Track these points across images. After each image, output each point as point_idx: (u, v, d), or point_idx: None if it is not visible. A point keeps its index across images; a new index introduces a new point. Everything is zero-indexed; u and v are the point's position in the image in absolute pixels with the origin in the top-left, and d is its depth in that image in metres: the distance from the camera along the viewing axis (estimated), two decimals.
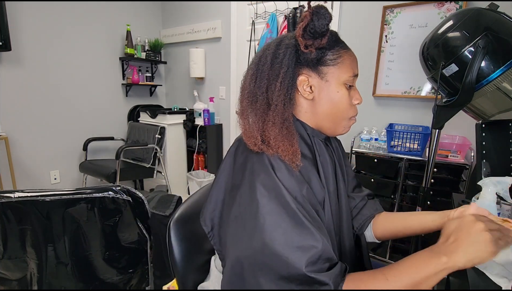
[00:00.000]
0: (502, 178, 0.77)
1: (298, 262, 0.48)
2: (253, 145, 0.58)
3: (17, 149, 2.35)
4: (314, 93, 0.62)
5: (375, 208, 0.81)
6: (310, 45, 0.59)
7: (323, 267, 0.50)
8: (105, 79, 2.88)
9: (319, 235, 0.51)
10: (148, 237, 1.00)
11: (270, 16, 2.35)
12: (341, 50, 0.62)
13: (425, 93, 1.85)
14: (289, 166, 0.56)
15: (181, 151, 2.95)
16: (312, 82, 0.62)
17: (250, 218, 0.53)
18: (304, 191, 0.56)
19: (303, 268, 0.47)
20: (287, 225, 0.50)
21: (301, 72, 0.61)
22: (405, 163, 1.73)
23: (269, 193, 0.53)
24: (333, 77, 0.62)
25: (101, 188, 0.88)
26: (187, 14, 3.04)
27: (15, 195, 0.80)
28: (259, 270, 0.50)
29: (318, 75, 0.61)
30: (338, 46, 0.62)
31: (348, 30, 2.12)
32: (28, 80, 2.36)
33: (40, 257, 0.89)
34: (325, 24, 0.57)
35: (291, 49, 0.60)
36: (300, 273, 0.48)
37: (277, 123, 0.58)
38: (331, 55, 0.61)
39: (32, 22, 2.32)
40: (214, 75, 2.97)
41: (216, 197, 0.63)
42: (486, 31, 0.87)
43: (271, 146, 0.56)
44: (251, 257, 0.51)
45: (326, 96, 0.62)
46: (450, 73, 0.95)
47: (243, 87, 0.65)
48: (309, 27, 0.57)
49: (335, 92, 0.62)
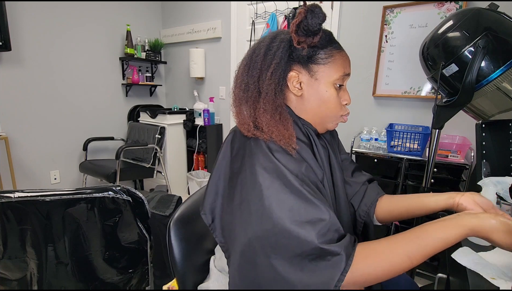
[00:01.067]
0: (502, 178, 0.77)
1: (309, 236, 0.49)
2: (247, 131, 0.59)
3: (17, 149, 2.35)
4: (303, 90, 0.64)
5: (377, 192, 0.81)
6: (303, 42, 0.60)
7: (333, 238, 0.51)
8: (105, 79, 2.88)
9: (324, 208, 0.52)
10: (148, 237, 1.00)
11: (270, 16, 2.35)
12: (334, 50, 0.63)
13: (425, 93, 1.85)
14: (285, 148, 0.57)
15: (181, 151, 2.95)
16: (301, 79, 0.63)
17: (255, 201, 0.53)
18: (303, 168, 0.57)
19: (315, 240, 0.48)
20: (292, 203, 0.51)
21: (292, 68, 0.62)
22: (405, 163, 1.73)
23: (270, 174, 0.53)
24: (323, 76, 0.63)
25: (101, 188, 0.88)
26: (187, 14, 3.04)
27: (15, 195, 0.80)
28: (272, 251, 0.50)
29: (308, 72, 0.62)
30: (331, 46, 0.63)
31: (348, 30, 2.12)
32: (28, 80, 2.36)
33: (40, 257, 0.89)
34: (317, 23, 0.58)
35: (285, 44, 0.62)
36: (313, 247, 0.48)
37: (268, 110, 0.60)
38: (323, 54, 0.62)
39: (32, 22, 2.32)
40: (214, 75, 2.97)
41: (216, 187, 0.63)
42: (486, 31, 0.87)
43: (265, 132, 0.58)
44: (263, 238, 0.51)
45: (314, 94, 0.63)
46: (450, 73, 0.95)
47: (236, 77, 0.67)
48: (303, 24, 0.58)
49: (323, 91, 0.63)
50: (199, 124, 2.79)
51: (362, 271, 0.49)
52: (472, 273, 0.65)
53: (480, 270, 0.65)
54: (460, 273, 0.72)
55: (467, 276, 0.64)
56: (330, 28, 2.17)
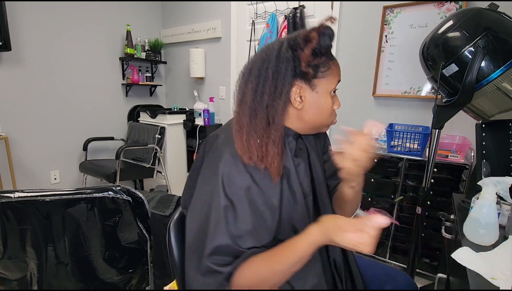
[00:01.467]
0: (502, 178, 0.77)
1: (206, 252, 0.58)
2: (248, 159, 0.59)
3: (17, 149, 2.35)
4: (304, 103, 0.64)
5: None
6: (310, 62, 0.61)
7: (224, 259, 0.58)
8: (105, 79, 2.88)
9: (223, 234, 0.58)
10: (148, 237, 1.00)
11: (270, 16, 2.35)
12: (330, 62, 0.64)
13: (425, 93, 1.85)
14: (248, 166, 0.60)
15: (181, 151, 2.95)
16: (302, 93, 0.63)
17: (196, 197, 0.64)
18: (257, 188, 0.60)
19: (207, 259, 0.57)
20: (203, 218, 0.60)
21: (294, 84, 0.62)
22: (405, 163, 1.73)
23: (213, 179, 0.60)
24: (323, 89, 0.63)
25: (101, 188, 0.88)
26: (187, 14, 3.04)
27: (15, 195, 0.80)
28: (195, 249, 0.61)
29: (310, 87, 0.63)
30: (327, 57, 0.63)
31: (348, 30, 2.12)
32: (28, 80, 2.36)
33: (40, 257, 0.89)
34: (330, 45, 0.60)
35: (291, 64, 0.60)
36: (204, 263, 0.58)
37: (276, 141, 0.60)
38: (322, 68, 0.62)
39: (32, 22, 2.32)
40: (214, 75, 2.97)
41: (189, 182, 0.71)
42: (486, 31, 0.87)
43: (267, 161, 0.60)
44: (190, 232, 0.63)
45: (314, 106, 0.64)
46: (450, 73, 0.96)
47: (241, 100, 0.64)
48: (317, 48, 0.59)
49: (323, 103, 0.64)
50: (199, 124, 2.79)
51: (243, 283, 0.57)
52: (472, 273, 0.65)
53: (480, 270, 0.65)
54: (460, 273, 0.72)
55: (467, 276, 0.64)
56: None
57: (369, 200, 1.87)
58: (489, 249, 0.75)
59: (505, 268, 0.65)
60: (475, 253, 0.72)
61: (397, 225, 1.78)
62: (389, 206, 1.84)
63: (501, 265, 0.66)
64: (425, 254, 1.72)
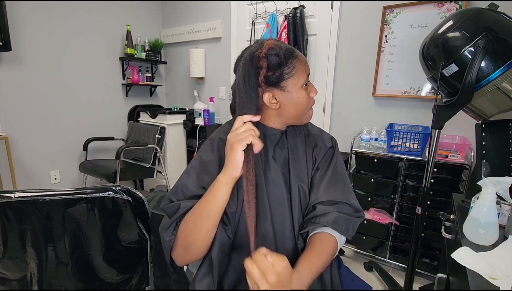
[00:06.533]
0: (502, 178, 0.78)
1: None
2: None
3: (17, 149, 2.35)
4: (279, 103, 0.71)
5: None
6: (272, 75, 0.67)
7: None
8: (105, 79, 2.88)
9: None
10: (148, 237, 1.00)
11: (270, 16, 2.35)
12: (293, 61, 0.68)
13: (425, 93, 1.85)
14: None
15: (181, 150, 2.96)
16: (276, 95, 0.70)
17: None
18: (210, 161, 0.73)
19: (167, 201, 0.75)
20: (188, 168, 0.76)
21: (265, 91, 0.69)
22: (405, 163, 1.73)
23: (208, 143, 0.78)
24: (293, 87, 0.69)
25: (101, 188, 0.88)
26: (187, 14, 3.04)
27: (15, 195, 0.80)
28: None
29: (280, 89, 0.69)
30: (290, 58, 0.68)
31: (348, 30, 2.12)
32: (28, 80, 2.36)
33: (40, 257, 0.89)
34: (280, 61, 0.66)
35: (255, 78, 0.68)
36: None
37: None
38: (286, 70, 0.68)
39: (32, 22, 2.32)
40: (214, 75, 2.97)
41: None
42: (486, 31, 0.87)
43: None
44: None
45: (289, 103, 0.71)
46: (450, 73, 0.96)
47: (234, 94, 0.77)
48: (269, 68, 0.66)
49: (296, 98, 0.71)
50: (199, 124, 2.79)
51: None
52: (472, 273, 0.65)
53: (480, 270, 0.65)
54: (460, 273, 0.72)
55: (467, 276, 0.64)
56: (330, 28, 2.17)
57: (369, 200, 1.87)
58: (489, 249, 0.75)
59: (505, 268, 0.65)
60: (475, 253, 0.72)
61: (397, 225, 1.78)
62: (389, 206, 1.84)
63: (501, 265, 0.66)
64: (425, 254, 1.72)
